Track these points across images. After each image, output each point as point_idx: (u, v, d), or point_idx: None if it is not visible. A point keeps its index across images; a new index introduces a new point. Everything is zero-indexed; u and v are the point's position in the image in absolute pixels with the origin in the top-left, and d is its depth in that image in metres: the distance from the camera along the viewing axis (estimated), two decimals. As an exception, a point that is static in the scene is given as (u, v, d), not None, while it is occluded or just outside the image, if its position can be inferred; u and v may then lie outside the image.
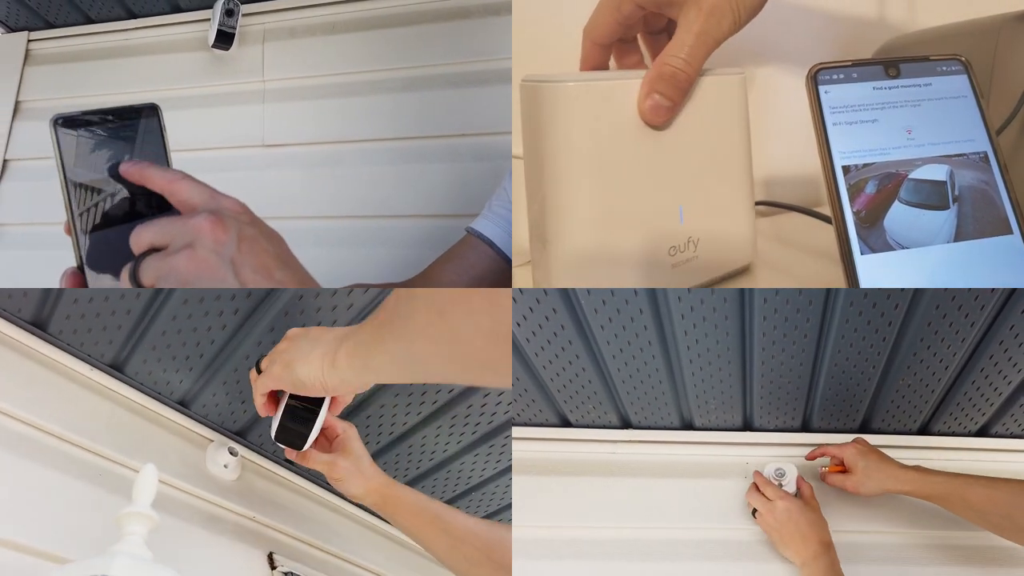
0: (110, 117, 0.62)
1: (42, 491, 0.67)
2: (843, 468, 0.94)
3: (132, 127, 0.64)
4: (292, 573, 0.85)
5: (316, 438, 0.73)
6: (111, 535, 0.66)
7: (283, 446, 0.74)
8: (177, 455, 0.83)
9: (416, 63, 1.15)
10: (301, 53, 1.22)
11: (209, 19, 1.24)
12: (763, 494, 0.93)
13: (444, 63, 1.14)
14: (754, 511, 0.94)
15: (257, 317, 0.79)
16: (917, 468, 0.90)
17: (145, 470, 0.60)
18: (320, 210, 1.18)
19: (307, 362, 0.65)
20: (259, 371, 0.70)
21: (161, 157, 0.64)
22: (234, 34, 1.22)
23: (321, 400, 0.72)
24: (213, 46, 1.22)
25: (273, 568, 0.84)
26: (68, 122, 0.60)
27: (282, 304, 0.77)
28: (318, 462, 0.77)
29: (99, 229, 0.61)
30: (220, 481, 0.86)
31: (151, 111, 0.65)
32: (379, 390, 0.90)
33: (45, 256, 1.26)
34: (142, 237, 0.59)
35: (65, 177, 0.60)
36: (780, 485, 0.93)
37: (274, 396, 0.72)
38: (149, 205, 0.62)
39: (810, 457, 0.97)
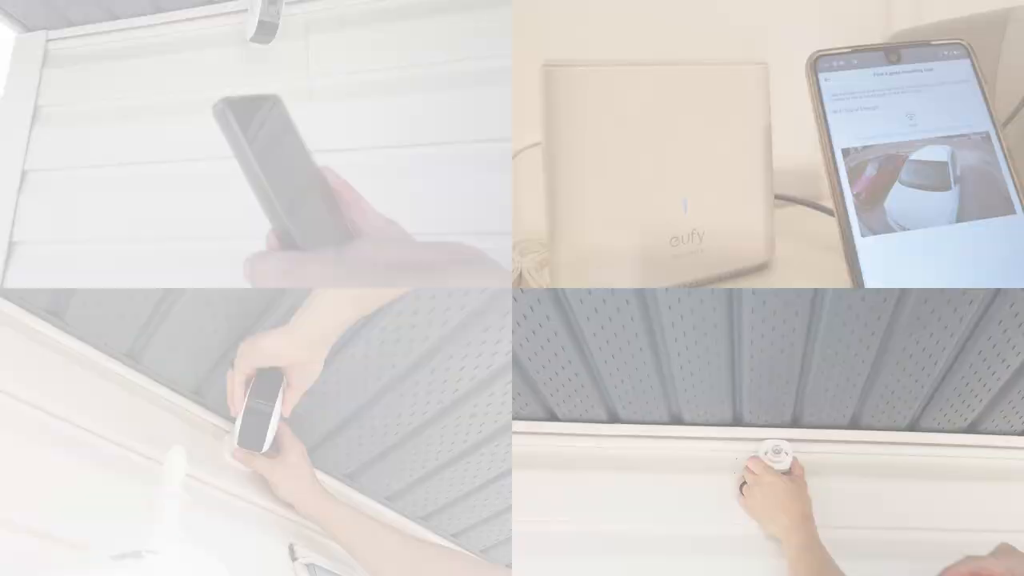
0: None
1: (60, 478, 0.66)
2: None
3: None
4: (314, 564, 0.84)
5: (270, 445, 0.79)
6: (131, 521, 0.65)
7: (247, 448, 0.79)
8: (194, 445, 0.82)
9: (500, 52, 0.96)
10: (353, 45, 1.07)
11: (243, 11, 1.10)
12: (752, 471, 0.96)
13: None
14: (742, 487, 0.96)
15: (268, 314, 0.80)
16: None
17: (174, 451, 0.60)
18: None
19: (267, 335, 0.74)
20: None
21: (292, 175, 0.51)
22: (277, 24, 1.08)
23: (275, 400, 0.76)
24: (252, 39, 1.08)
25: (294, 559, 0.83)
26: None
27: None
28: (260, 466, 0.83)
29: None
30: (239, 471, 0.85)
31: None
32: (383, 393, 0.88)
33: (67, 279, 1.19)
34: None
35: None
36: (779, 460, 0.95)
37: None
38: None
39: None
